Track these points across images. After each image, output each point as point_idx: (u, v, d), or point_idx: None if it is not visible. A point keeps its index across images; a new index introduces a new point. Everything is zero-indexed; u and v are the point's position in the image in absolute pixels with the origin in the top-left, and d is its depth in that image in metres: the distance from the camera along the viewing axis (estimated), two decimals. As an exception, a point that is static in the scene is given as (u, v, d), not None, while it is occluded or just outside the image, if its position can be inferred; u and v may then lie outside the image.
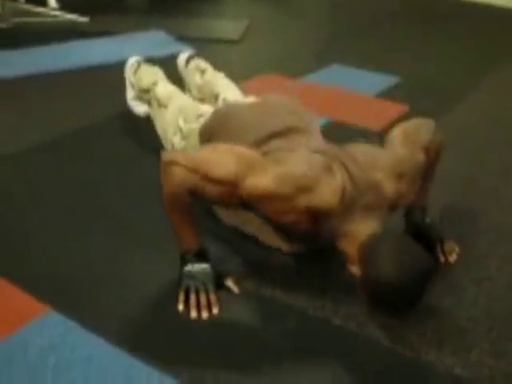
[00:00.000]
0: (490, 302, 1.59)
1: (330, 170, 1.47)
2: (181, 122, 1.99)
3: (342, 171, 1.47)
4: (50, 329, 1.45)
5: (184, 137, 1.97)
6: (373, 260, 1.34)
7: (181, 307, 1.53)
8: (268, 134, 1.68)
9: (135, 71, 2.43)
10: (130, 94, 2.49)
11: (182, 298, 1.54)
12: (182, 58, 2.59)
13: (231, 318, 1.51)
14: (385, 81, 3.13)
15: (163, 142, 2.11)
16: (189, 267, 1.57)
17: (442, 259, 1.74)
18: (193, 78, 2.46)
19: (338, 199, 1.42)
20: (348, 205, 1.44)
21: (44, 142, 2.37)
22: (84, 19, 3.98)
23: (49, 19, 3.95)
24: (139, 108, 2.47)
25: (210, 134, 1.86)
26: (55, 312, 1.50)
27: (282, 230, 1.54)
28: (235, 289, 1.60)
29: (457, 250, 1.78)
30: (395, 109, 2.78)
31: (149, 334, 1.46)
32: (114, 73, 2.74)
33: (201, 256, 1.58)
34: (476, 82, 3.22)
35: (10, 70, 3.09)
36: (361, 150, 1.59)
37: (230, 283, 1.60)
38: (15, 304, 1.52)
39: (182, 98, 2.18)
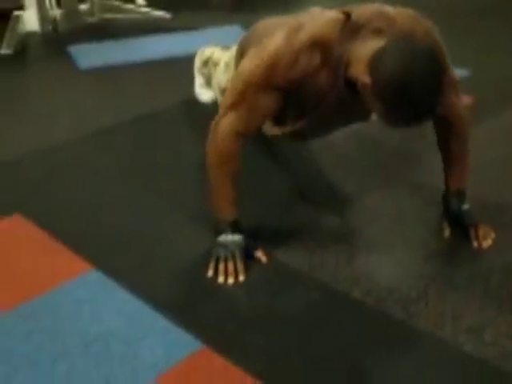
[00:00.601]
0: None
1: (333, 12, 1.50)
2: (227, 59, 2.10)
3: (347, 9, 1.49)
4: (89, 285, 1.59)
5: (226, 66, 2.06)
6: (381, 62, 1.31)
7: (210, 273, 1.62)
8: None
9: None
10: (197, 81, 2.63)
11: (212, 264, 1.63)
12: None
13: (257, 287, 1.58)
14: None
15: (217, 96, 2.19)
16: (222, 237, 1.65)
17: (475, 244, 1.72)
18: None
19: (339, 23, 1.43)
20: (354, 28, 1.43)
21: (110, 125, 2.54)
22: (167, 15, 4.17)
23: (134, 15, 4.18)
24: (205, 96, 2.61)
25: (243, 48, 1.90)
26: (97, 271, 1.64)
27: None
28: (263, 259, 1.67)
29: (492, 235, 1.75)
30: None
31: (178, 295, 1.56)
32: (185, 65, 2.86)
33: (235, 227, 1.66)
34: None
35: (93, 61, 3.32)
36: None
37: (259, 254, 1.67)
38: (62, 261, 1.68)
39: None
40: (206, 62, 2.45)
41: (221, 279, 1.60)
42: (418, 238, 1.77)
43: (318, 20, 1.49)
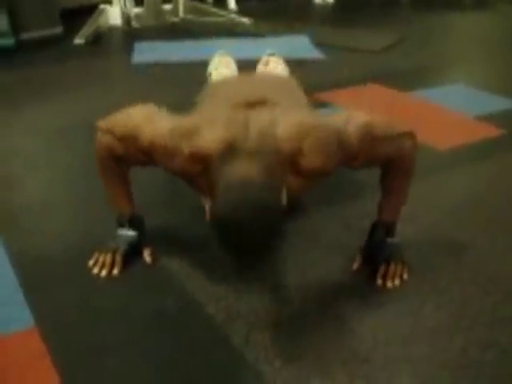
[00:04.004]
0: (396, 341, 1.36)
1: (225, 123, 1.39)
2: None
3: (239, 124, 1.38)
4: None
5: None
6: (219, 193, 1.22)
7: (91, 263, 1.61)
8: (240, 103, 1.57)
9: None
10: None
11: (95, 255, 1.62)
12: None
13: (125, 283, 1.54)
14: (497, 104, 2.77)
15: None
16: (119, 231, 1.64)
17: (379, 282, 1.53)
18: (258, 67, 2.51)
19: (220, 145, 1.34)
20: (234, 150, 1.31)
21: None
22: (247, 21, 4.21)
23: (216, 18, 4.26)
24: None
25: (196, 104, 1.85)
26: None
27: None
28: (148, 259, 1.63)
29: (405, 276, 1.55)
30: (482, 132, 2.45)
31: (48, 273, 1.58)
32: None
33: (132, 223, 1.64)
34: None
35: (146, 57, 3.45)
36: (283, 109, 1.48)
37: (145, 253, 1.64)
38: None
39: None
40: (209, 74, 2.45)
41: (95, 270, 1.58)
42: (322, 266, 1.61)
43: (206, 137, 1.36)
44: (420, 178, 1.72)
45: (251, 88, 1.75)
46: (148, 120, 1.47)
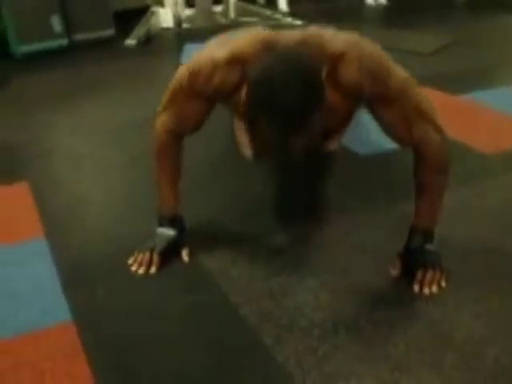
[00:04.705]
0: (429, 348, 1.33)
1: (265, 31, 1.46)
2: None
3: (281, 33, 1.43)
4: (24, 249, 1.72)
5: None
6: (257, 68, 1.24)
7: (130, 261, 1.65)
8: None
9: None
10: None
11: (135, 253, 1.66)
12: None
13: (160, 281, 1.57)
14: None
15: None
16: (159, 230, 1.67)
17: (416, 288, 1.51)
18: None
19: (258, 44, 1.37)
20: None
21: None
22: (297, 22, 4.20)
23: (265, 20, 4.27)
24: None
25: None
26: (44, 238, 1.76)
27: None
28: (186, 258, 1.65)
29: (443, 284, 1.52)
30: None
31: (87, 273, 1.62)
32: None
33: (172, 222, 1.67)
34: None
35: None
36: None
37: (183, 252, 1.66)
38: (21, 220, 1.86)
39: None
40: None
41: (133, 268, 1.62)
42: (358, 269, 1.59)
43: (243, 38, 1.42)
44: (464, 182, 1.69)
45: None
46: (188, 68, 1.50)
